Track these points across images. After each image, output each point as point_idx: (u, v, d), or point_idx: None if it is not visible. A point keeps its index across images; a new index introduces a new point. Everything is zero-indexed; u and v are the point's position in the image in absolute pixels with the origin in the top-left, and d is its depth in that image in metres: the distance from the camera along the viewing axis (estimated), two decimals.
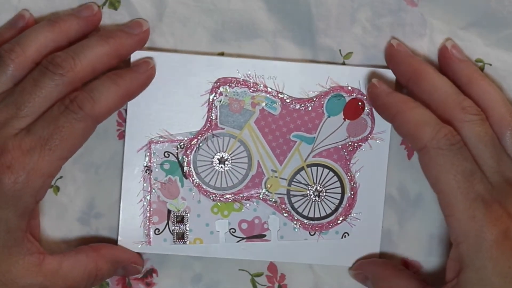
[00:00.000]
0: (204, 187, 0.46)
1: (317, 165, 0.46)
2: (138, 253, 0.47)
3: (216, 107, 0.46)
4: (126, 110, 0.46)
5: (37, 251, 0.42)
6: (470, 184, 0.40)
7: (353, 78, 0.46)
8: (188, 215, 0.47)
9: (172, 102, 0.46)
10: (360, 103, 0.46)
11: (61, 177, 0.47)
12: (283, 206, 0.47)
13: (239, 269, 0.48)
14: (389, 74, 0.46)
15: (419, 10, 0.46)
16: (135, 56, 0.46)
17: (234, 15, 0.46)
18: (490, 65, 0.46)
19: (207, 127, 0.46)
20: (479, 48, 0.46)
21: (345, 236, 0.47)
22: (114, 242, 0.47)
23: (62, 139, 0.40)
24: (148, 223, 0.47)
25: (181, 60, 0.46)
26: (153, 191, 0.47)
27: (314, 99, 0.46)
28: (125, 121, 0.47)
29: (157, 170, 0.46)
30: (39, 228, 0.46)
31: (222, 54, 0.47)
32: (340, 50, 0.46)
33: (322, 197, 0.47)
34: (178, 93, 0.46)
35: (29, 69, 0.42)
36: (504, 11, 0.46)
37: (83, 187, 0.47)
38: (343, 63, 0.46)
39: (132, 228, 0.47)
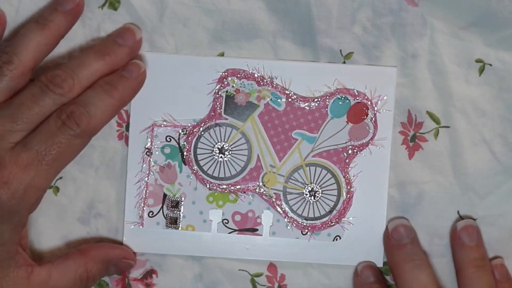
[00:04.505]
0: (202, 175, 0.47)
1: (315, 165, 0.47)
2: (128, 248, 0.47)
3: (222, 97, 0.47)
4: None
5: (24, 263, 0.42)
6: None
7: (360, 80, 0.46)
8: (183, 201, 0.47)
9: (178, 87, 0.46)
10: (364, 108, 0.46)
11: (61, 177, 0.47)
12: (278, 202, 0.47)
13: (239, 269, 0.48)
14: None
15: (419, 10, 0.46)
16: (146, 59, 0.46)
17: (234, 16, 0.46)
18: (490, 65, 0.47)
19: (211, 115, 0.47)
20: (479, 48, 0.47)
21: (336, 239, 0.47)
22: (114, 242, 0.47)
23: (59, 154, 0.41)
24: (142, 205, 0.47)
25: (187, 62, 0.46)
26: (151, 173, 0.47)
27: (319, 99, 0.47)
28: (125, 122, 0.47)
29: (157, 153, 0.47)
30: (27, 238, 0.45)
31: (222, 54, 0.47)
32: (340, 50, 0.47)
33: (318, 198, 0.47)
34: (185, 80, 0.46)
35: (26, 77, 0.43)
36: (505, 11, 0.46)
37: (83, 187, 0.48)
38: (344, 63, 0.47)
39: (129, 208, 0.47)
